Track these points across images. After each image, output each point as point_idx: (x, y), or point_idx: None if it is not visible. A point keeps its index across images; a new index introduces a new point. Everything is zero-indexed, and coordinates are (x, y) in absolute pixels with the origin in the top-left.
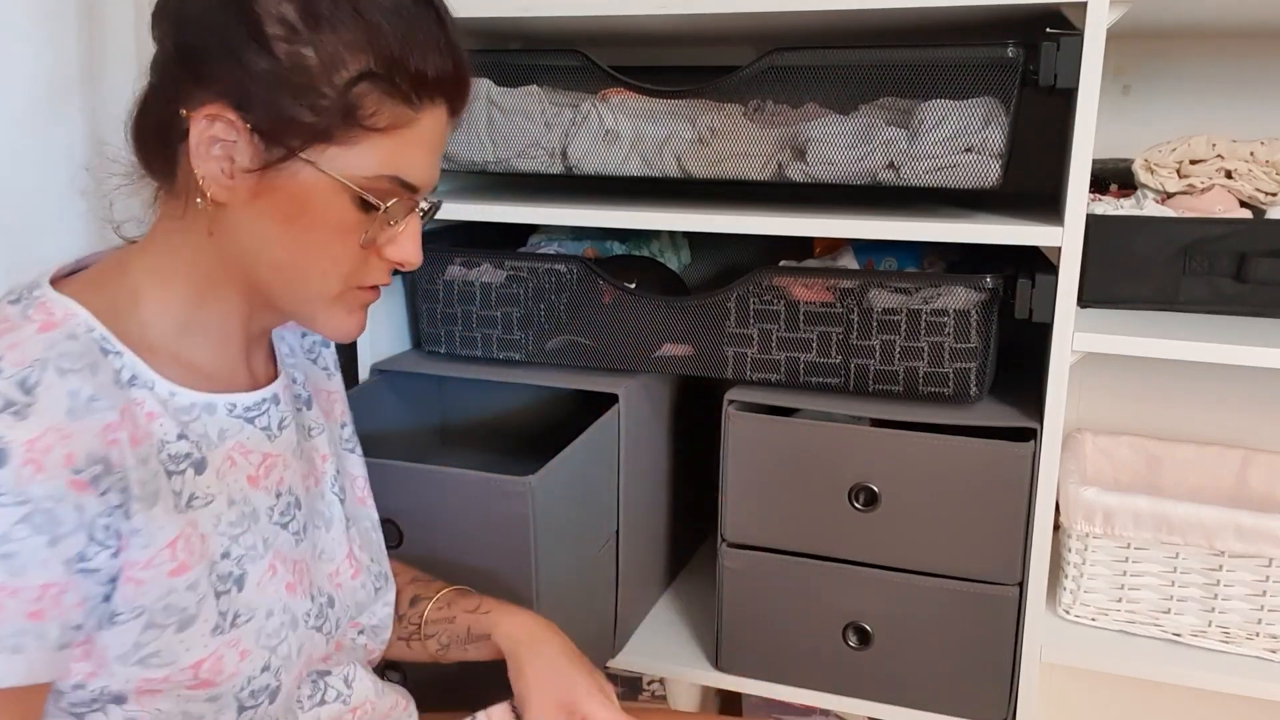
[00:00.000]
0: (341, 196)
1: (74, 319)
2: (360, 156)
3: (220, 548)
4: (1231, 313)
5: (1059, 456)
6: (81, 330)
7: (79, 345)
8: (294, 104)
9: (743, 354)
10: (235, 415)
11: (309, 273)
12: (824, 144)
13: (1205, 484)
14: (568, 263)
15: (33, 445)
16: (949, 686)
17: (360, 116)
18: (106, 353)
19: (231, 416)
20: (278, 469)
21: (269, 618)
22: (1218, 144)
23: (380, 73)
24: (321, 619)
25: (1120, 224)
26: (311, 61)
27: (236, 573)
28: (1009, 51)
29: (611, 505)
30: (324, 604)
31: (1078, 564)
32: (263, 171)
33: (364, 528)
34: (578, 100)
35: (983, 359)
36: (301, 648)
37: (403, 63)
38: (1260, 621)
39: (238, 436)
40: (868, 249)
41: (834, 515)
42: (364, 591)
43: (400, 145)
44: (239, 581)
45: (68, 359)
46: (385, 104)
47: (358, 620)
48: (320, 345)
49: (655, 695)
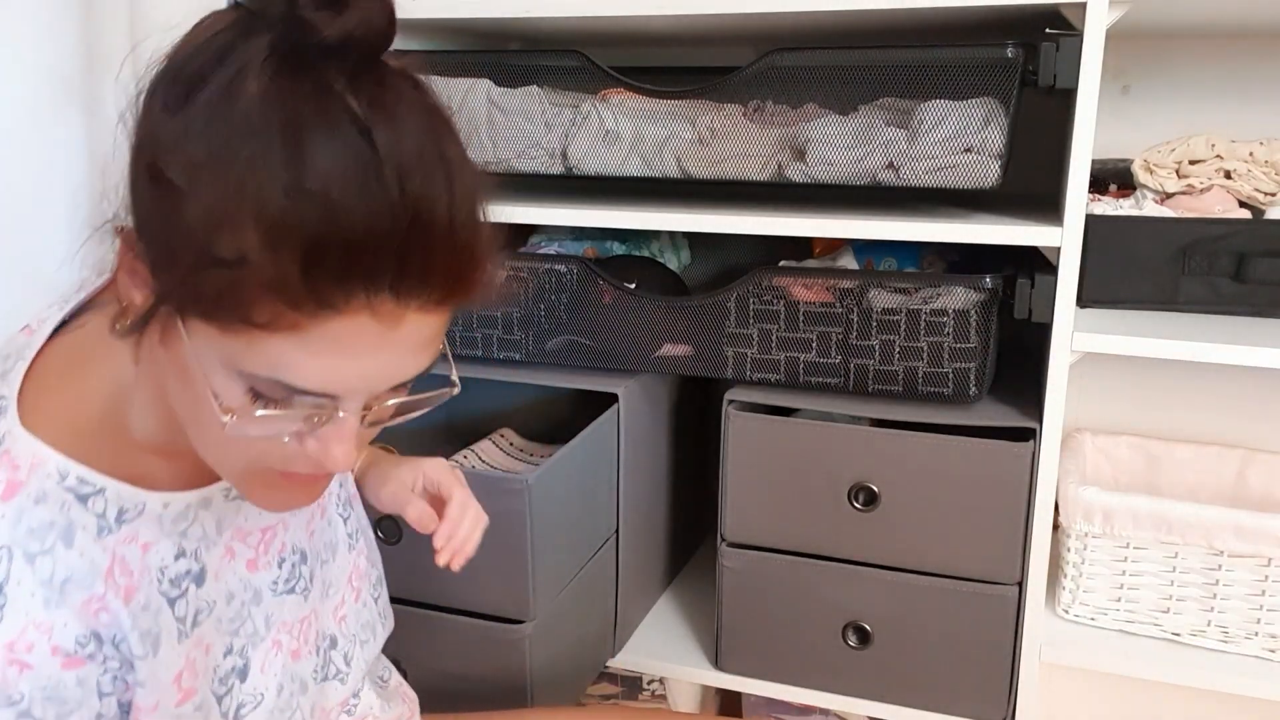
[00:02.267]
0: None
1: (41, 469)
2: (241, 347)
3: (223, 648)
4: (1231, 313)
5: (1058, 456)
6: (52, 484)
7: (48, 511)
8: (169, 260)
9: (743, 354)
10: (232, 499)
11: (205, 443)
12: (824, 144)
13: (1204, 484)
14: (568, 263)
15: (14, 646)
16: (949, 686)
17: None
18: (85, 498)
19: (229, 501)
20: (278, 536)
21: (280, 693)
22: (1217, 144)
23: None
24: (326, 666)
25: (1120, 224)
26: (189, 216)
27: (239, 664)
28: (1009, 52)
29: (611, 505)
30: (326, 648)
31: (1077, 563)
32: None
33: (368, 533)
34: (578, 100)
35: (982, 359)
36: (314, 705)
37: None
38: (1259, 621)
39: (234, 521)
40: (868, 249)
41: (834, 515)
42: (367, 611)
43: (298, 349)
44: (242, 673)
45: (35, 538)
46: (266, 298)
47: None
48: None
49: (655, 695)
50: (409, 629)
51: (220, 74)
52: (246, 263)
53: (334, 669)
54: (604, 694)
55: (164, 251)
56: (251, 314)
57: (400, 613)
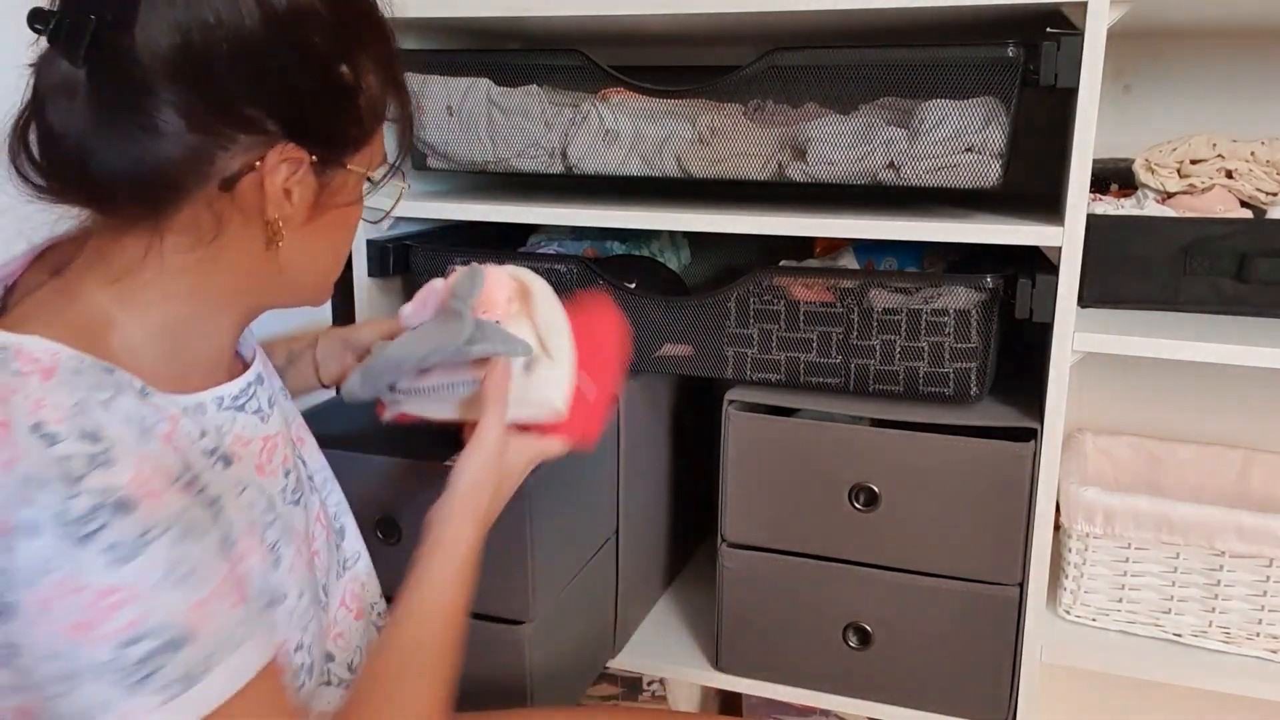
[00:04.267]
0: (360, 185)
1: (59, 355)
2: (374, 146)
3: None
4: (1232, 313)
5: (1059, 456)
6: (77, 361)
7: (91, 375)
8: (344, 124)
9: (743, 354)
10: (225, 408)
11: (340, 263)
12: (824, 144)
13: (1206, 484)
14: (568, 263)
15: (138, 480)
16: (949, 686)
17: (382, 116)
18: (111, 371)
19: (221, 410)
20: (279, 448)
21: (299, 598)
22: (1218, 144)
23: (387, 73)
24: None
25: (1120, 224)
26: (349, 79)
27: (274, 559)
28: (1009, 51)
29: (611, 505)
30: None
31: (1078, 564)
32: (318, 194)
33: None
34: (578, 100)
35: (983, 359)
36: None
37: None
38: (1260, 622)
39: (233, 429)
40: (868, 249)
41: (834, 515)
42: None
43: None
44: (275, 564)
45: (97, 391)
46: (389, 95)
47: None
48: None
49: (655, 695)
50: None
51: None
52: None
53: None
54: (604, 694)
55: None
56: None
57: None
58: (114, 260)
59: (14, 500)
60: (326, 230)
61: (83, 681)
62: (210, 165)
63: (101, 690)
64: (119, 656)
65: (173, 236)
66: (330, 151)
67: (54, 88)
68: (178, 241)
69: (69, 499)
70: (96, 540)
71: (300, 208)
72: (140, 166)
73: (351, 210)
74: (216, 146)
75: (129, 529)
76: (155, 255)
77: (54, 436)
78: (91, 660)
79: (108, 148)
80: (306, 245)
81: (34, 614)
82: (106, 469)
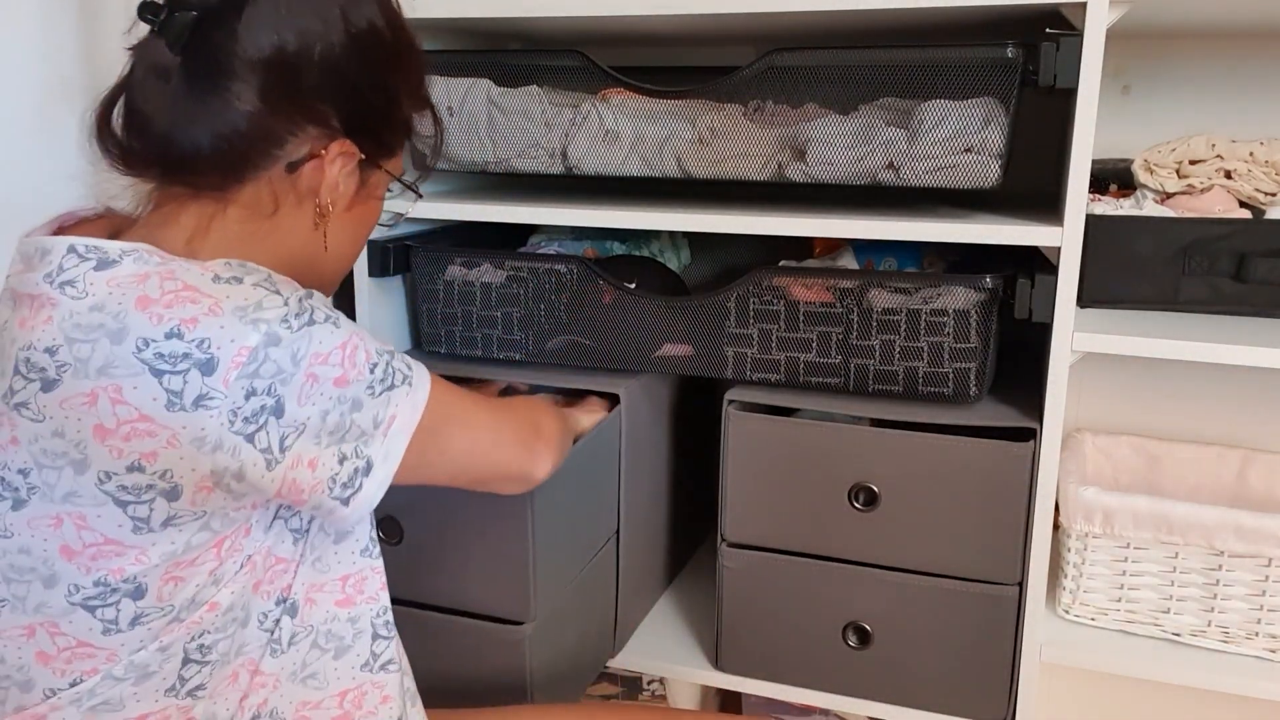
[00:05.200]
0: (386, 186)
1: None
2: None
3: None
4: (1231, 313)
5: (1059, 456)
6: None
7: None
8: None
9: (743, 354)
10: None
11: (359, 252)
12: (824, 144)
13: (1205, 484)
14: (568, 263)
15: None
16: (949, 686)
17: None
18: None
19: None
20: None
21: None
22: (1217, 144)
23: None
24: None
25: (1120, 224)
26: (396, 93)
27: None
28: (1009, 52)
29: (612, 505)
30: None
31: (1077, 564)
32: (359, 187)
33: None
34: (578, 100)
35: (982, 359)
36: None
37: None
38: (1259, 621)
39: None
40: (868, 249)
41: (834, 515)
42: None
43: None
44: None
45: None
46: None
47: None
48: None
49: (655, 695)
50: (409, 629)
51: None
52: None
53: None
54: (604, 694)
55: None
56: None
57: (400, 613)
58: (179, 224)
59: (240, 329)
60: (356, 221)
61: (356, 408)
62: (280, 149)
63: (371, 407)
64: (370, 379)
65: (235, 209)
66: (375, 152)
67: (149, 70)
68: (239, 213)
69: (285, 303)
70: (316, 319)
71: (345, 196)
72: (221, 142)
73: (377, 206)
74: (289, 133)
75: (326, 310)
76: (220, 221)
77: (238, 278)
78: (356, 393)
79: (194, 124)
80: (339, 230)
81: (306, 391)
82: (280, 285)
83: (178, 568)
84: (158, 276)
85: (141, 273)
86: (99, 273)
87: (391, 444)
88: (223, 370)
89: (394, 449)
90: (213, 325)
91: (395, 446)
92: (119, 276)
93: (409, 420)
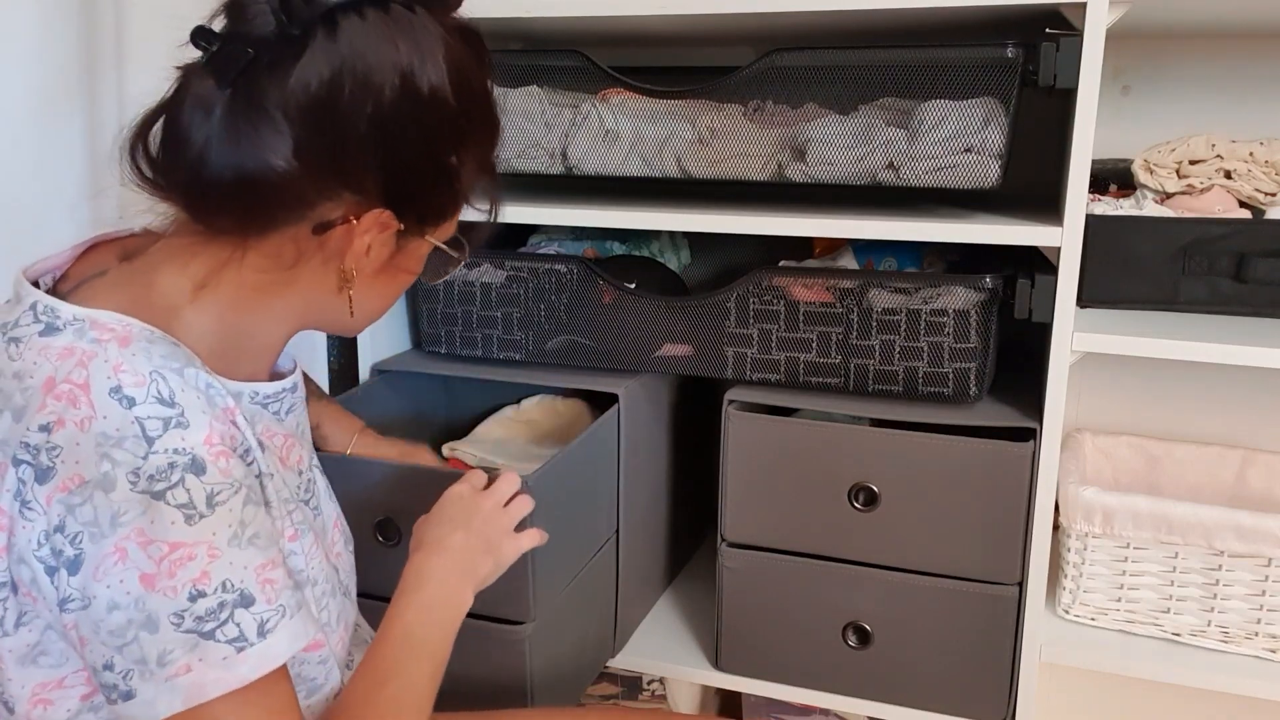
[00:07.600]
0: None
1: (131, 326)
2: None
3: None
4: (1231, 313)
5: (1058, 456)
6: (149, 333)
7: (163, 345)
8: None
9: (743, 354)
10: (255, 402)
11: (387, 309)
12: (824, 144)
13: (1205, 484)
14: (568, 263)
15: (211, 441)
16: (949, 686)
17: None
18: (178, 345)
19: (253, 404)
20: (295, 448)
21: (314, 586)
22: (1217, 144)
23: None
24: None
25: (1120, 224)
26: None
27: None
28: (1009, 52)
29: (611, 505)
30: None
31: (1077, 564)
32: (393, 255)
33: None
34: (578, 100)
35: (982, 359)
36: (340, 614)
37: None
38: (1259, 621)
39: (262, 421)
40: (868, 249)
41: (834, 515)
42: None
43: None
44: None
45: (170, 359)
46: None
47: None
48: None
49: (655, 695)
50: None
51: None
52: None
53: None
54: (604, 694)
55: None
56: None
57: None
58: (193, 261)
59: (91, 456)
60: (386, 283)
61: (150, 629)
62: (310, 209)
63: (167, 639)
64: (188, 608)
65: (254, 257)
66: (417, 224)
67: (194, 98)
68: (257, 262)
69: (145, 456)
70: (170, 497)
71: (373, 263)
72: (246, 190)
73: (412, 272)
74: (321, 196)
75: (200, 488)
76: (234, 268)
77: (132, 399)
78: (159, 610)
79: (224, 164)
80: (365, 291)
81: (107, 565)
82: (181, 430)
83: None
84: (75, 360)
85: (68, 348)
86: (41, 339)
87: (165, 695)
88: (52, 486)
89: (165, 702)
90: (70, 437)
91: (166, 702)
92: (52, 348)
93: (200, 688)
